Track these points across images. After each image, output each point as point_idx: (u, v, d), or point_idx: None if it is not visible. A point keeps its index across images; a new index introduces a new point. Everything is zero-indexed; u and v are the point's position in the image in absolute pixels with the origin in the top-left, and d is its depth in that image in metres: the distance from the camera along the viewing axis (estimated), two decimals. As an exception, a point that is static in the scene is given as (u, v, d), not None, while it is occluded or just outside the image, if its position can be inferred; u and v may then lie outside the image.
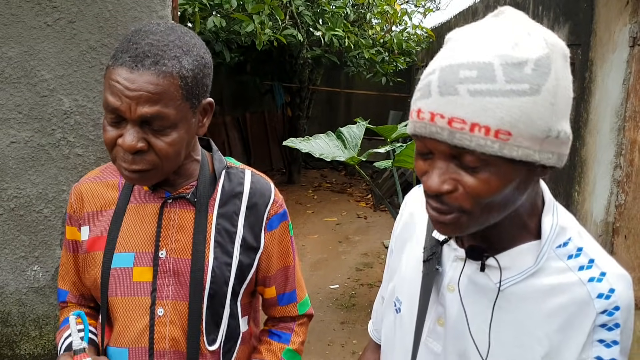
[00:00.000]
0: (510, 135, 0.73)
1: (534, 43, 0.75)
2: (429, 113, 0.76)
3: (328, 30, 6.51)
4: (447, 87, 0.75)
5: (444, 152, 0.77)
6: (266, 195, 1.23)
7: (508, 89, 0.72)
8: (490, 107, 0.72)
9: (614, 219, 2.69)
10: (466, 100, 0.73)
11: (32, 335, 1.95)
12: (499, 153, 0.74)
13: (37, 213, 1.88)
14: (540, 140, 0.75)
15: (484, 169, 0.76)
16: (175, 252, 1.16)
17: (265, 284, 1.28)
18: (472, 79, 0.73)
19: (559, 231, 0.87)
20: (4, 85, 1.79)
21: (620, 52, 2.64)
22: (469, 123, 0.73)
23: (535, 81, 0.73)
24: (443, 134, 0.75)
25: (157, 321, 1.15)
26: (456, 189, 0.78)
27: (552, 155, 0.78)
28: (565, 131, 0.78)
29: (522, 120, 0.73)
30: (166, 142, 1.04)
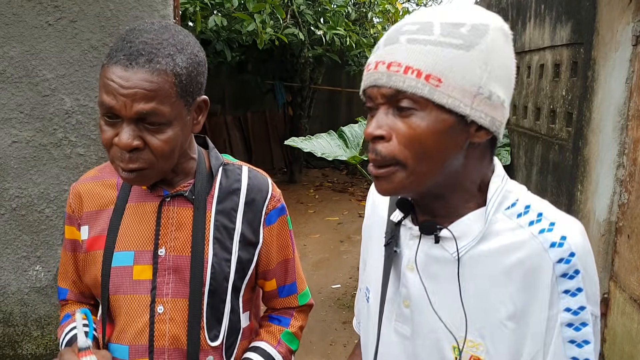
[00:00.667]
0: (440, 82, 0.79)
1: (475, 14, 0.84)
2: (374, 63, 0.84)
3: (329, 29, 6.51)
4: (391, 38, 0.84)
5: (383, 98, 0.83)
6: (264, 191, 1.24)
7: (442, 40, 0.80)
8: (424, 53, 0.80)
9: (617, 219, 2.69)
10: (403, 47, 0.81)
11: (34, 335, 1.95)
12: (428, 96, 0.79)
13: (39, 213, 1.88)
14: (471, 95, 0.80)
15: (416, 113, 0.81)
16: (175, 250, 1.17)
17: (266, 277, 1.29)
18: (412, 31, 0.82)
19: (506, 194, 0.90)
20: (6, 85, 1.79)
21: (623, 50, 2.63)
22: (404, 66, 0.80)
23: (469, 39, 0.81)
24: (383, 79, 0.82)
25: (157, 319, 1.16)
26: (390, 137, 0.83)
27: (484, 116, 0.82)
28: (498, 95, 0.83)
29: (452, 71, 0.79)
30: (161, 139, 1.04)
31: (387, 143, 0.83)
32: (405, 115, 0.82)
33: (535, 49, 3.88)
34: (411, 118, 0.81)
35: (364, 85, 0.87)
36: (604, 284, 2.76)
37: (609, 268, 2.73)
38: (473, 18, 0.83)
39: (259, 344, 1.28)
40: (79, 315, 1.09)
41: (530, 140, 3.95)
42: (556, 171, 3.42)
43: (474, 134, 0.84)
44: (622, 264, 2.60)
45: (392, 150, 0.83)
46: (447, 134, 0.82)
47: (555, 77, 3.48)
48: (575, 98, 3.15)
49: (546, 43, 3.63)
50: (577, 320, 0.83)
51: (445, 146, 0.83)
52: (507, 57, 0.85)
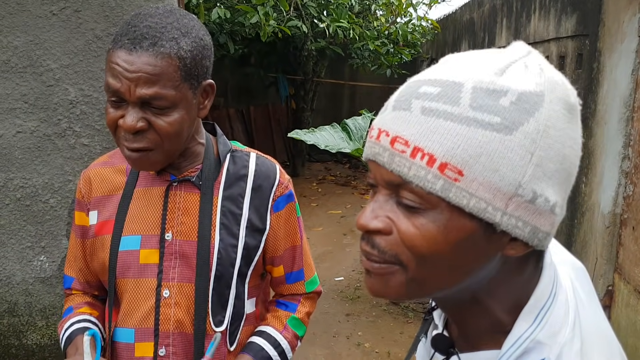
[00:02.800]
0: (461, 174, 0.57)
1: (527, 76, 0.59)
2: (377, 130, 0.62)
3: (333, 21, 6.48)
4: (402, 101, 0.61)
5: (384, 182, 0.62)
6: (271, 177, 1.24)
7: (471, 115, 0.57)
8: (441, 131, 0.57)
9: (622, 211, 2.68)
10: (415, 118, 0.58)
11: (38, 325, 1.95)
12: (441, 194, 0.57)
13: (43, 203, 1.88)
14: (505, 197, 0.57)
15: (424, 213, 0.59)
16: (181, 235, 1.17)
17: (274, 263, 1.30)
18: (430, 96, 0.59)
19: (532, 346, 0.63)
20: (10, 75, 1.79)
21: (629, 42, 2.61)
22: (412, 145, 0.58)
23: (511, 116, 0.57)
24: (384, 156, 0.60)
25: (163, 302, 1.17)
26: (389, 231, 0.62)
27: (522, 225, 0.59)
28: (547, 198, 0.59)
29: (480, 161, 0.56)
30: (167, 121, 1.05)
31: (387, 236, 0.62)
32: (409, 212, 0.61)
33: (539, 41, 3.86)
34: (417, 217, 0.60)
35: (365, 154, 0.65)
36: (608, 276, 2.75)
37: (613, 260, 2.73)
38: (522, 82, 0.59)
39: (264, 328, 1.28)
40: (86, 338, 1.08)
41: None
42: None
43: (506, 245, 0.61)
44: (626, 256, 2.60)
45: (394, 246, 0.62)
46: (467, 243, 0.60)
47: (561, 69, 3.47)
48: (580, 90, 3.14)
49: (551, 35, 3.61)
50: None
51: (463, 259, 0.61)
52: (567, 142, 0.60)
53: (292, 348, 1.29)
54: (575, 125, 0.62)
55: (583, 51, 3.13)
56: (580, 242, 3.04)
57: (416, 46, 8.64)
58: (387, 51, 7.79)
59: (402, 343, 3.84)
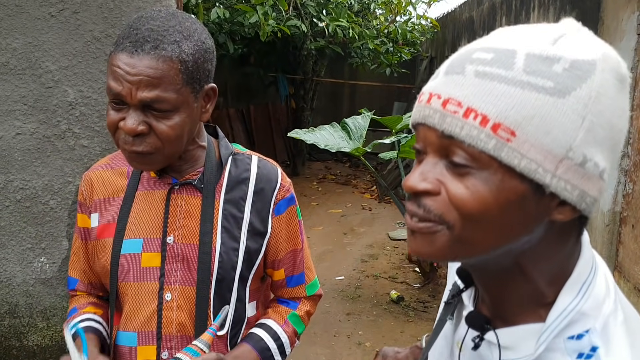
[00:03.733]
0: (513, 135, 0.58)
1: (580, 46, 0.61)
2: (427, 94, 0.64)
3: (332, 20, 6.48)
4: (455, 66, 0.63)
5: (434, 144, 0.63)
6: (273, 180, 1.24)
7: (525, 79, 0.58)
8: (495, 93, 0.59)
9: (622, 209, 2.68)
10: (469, 81, 0.60)
11: (39, 326, 1.96)
12: (493, 153, 0.59)
13: (43, 205, 1.88)
14: (556, 159, 0.59)
15: (475, 173, 0.61)
16: (183, 238, 1.17)
17: (274, 266, 1.30)
18: (484, 61, 0.61)
19: (577, 318, 0.65)
20: (9, 77, 1.79)
21: (627, 40, 2.61)
22: (465, 106, 0.60)
23: (564, 82, 0.58)
24: (434, 118, 0.62)
25: (165, 306, 1.17)
26: (438, 191, 0.63)
27: (571, 188, 0.60)
28: (596, 162, 0.60)
29: (533, 122, 0.58)
30: (168, 125, 1.05)
31: (434, 197, 0.63)
32: (460, 173, 0.62)
33: (539, 39, 3.86)
34: (468, 177, 0.61)
35: (412, 119, 0.67)
36: (608, 275, 2.76)
37: (613, 258, 2.73)
38: (574, 50, 0.60)
39: (265, 321, 1.29)
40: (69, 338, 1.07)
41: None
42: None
43: (554, 209, 0.62)
44: (626, 254, 2.60)
45: (441, 207, 0.63)
46: (516, 205, 0.61)
47: (560, 68, 3.46)
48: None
49: (550, 33, 3.61)
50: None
51: (511, 220, 0.62)
52: (616, 111, 0.61)
53: (291, 343, 1.29)
54: (625, 96, 0.63)
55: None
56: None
57: (416, 45, 8.64)
58: (387, 50, 7.79)
59: (402, 342, 3.84)
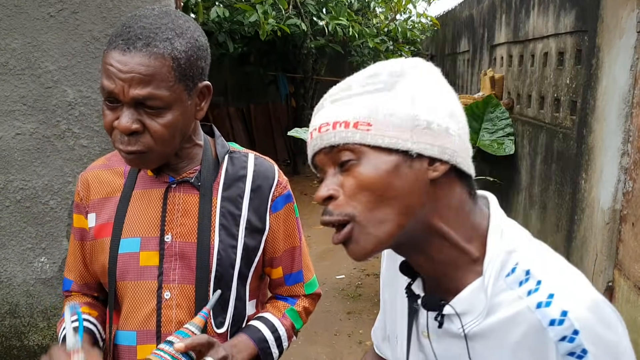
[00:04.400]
0: (369, 125, 0.78)
1: (389, 63, 0.84)
2: (309, 134, 0.84)
3: (332, 19, 6.48)
4: (317, 108, 0.85)
5: (327, 161, 0.82)
6: (270, 178, 1.24)
7: (362, 90, 0.81)
8: (346, 107, 0.80)
9: (622, 207, 2.68)
10: (328, 109, 0.82)
11: (40, 326, 1.96)
12: (361, 141, 0.78)
13: (43, 205, 1.89)
14: (407, 130, 0.78)
15: (357, 162, 0.78)
16: (181, 236, 1.17)
17: (272, 264, 1.29)
18: (334, 93, 0.84)
19: (505, 258, 0.80)
20: (9, 77, 1.79)
21: (627, 38, 2.61)
22: (331, 123, 0.80)
23: (389, 81, 0.80)
24: (318, 142, 0.81)
25: (164, 304, 1.17)
26: (337, 195, 0.80)
27: (429, 147, 0.78)
28: (438, 123, 0.79)
29: (379, 112, 0.78)
30: (161, 123, 1.05)
31: (336, 201, 0.80)
32: (348, 169, 0.79)
33: (539, 37, 3.86)
34: (353, 169, 0.79)
35: (310, 157, 0.86)
36: (608, 273, 2.75)
37: (613, 256, 2.73)
38: (388, 66, 0.83)
39: (263, 314, 1.29)
40: (67, 311, 1.07)
41: (534, 129, 3.93)
42: (560, 160, 3.41)
43: (428, 169, 0.79)
44: (626, 252, 2.60)
45: (341, 205, 0.79)
46: (395, 174, 0.77)
47: (559, 66, 3.46)
48: (579, 86, 3.14)
49: (550, 31, 3.61)
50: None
51: (398, 188, 0.77)
52: (436, 86, 0.83)
53: (288, 337, 1.29)
54: (437, 77, 0.85)
55: (582, 47, 3.12)
56: (580, 239, 3.04)
57: (416, 43, 8.64)
58: (387, 48, 7.79)
59: (403, 340, 3.84)
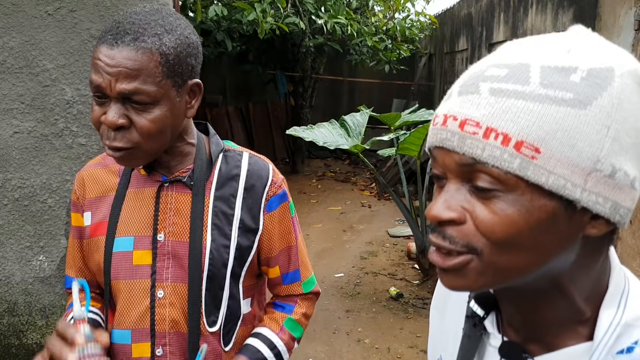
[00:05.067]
0: (538, 152, 0.56)
1: (594, 53, 0.59)
2: (442, 116, 0.61)
3: (330, 18, 6.48)
4: (468, 85, 0.61)
5: (454, 169, 0.61)
6: (263, 177, 1.24)
7: (543, 92, 0.56)
8: (514, 110, 0.57)
9: (620, 204, 2.69)
10: (485, 100, 0.58)
11: (38, 324, 1.96)
12: (519, 172, 0.56)
13: (42, 203, 1.89)
14: (584, 173, 0.57)
15: (501, 196, 0.58)
16: (173, 235, 1.17)
17: (269, 264, 1.29)
18: (498, 78, 0.59)
19: (623, 330, 0.63)
20: (6, 76, 1.79)
21: (625, 36, 2.61)
22: (484, 126, 0.57)
23: (584, 92, 0.56)
24: (453, 141, 0.60)
25: (158, 303, 1.17)
26: (463, 220, 0.60)
27: (602, 200, 0.58)
28: (626, 172, 0.58)
29: (557, 137, 0.56)
30: (147, 119, 1.04)
31: (459, 226, 0.61)
32: (485, 198, 0.59)
33: (537, 36, 3.86)
34: (494, 202, 0.58)
35: (430, 143, 0.64)
36: (606, 270, 2.76)
37: (611, 254, 2.74)
38: (590, 58, 0.58)
39: (260, 330, 1.28)
40: (75, 285, 1.08)
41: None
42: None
43: (587, 224, 0.60)
44: (624, 250, 2.60)
45: (467, 235, 0.60)
46: (548, 224, 0.59)
47: (558, 64, 3.46)
48: None
49: (548, 29, 3.61)
50: None
51: (544, 241, 0.60)
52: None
53: (288, 350, 1.28)
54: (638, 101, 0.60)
55: (580, 45, 3.13)
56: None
57: (414, 42, 8.64)
58: (386, 47, 7.79)
59: (402, 339, 3.85)
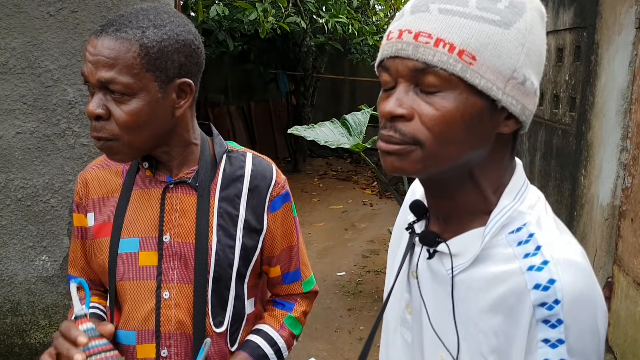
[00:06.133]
0: (474, 59, 0.71)
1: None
2: (397, 31, 0.75)
3: (331, 17, 6.48)
4: (419, 6, 0.74)
5: (407, 73, 0.74)
6: (267, 177, 1.24)
7: (478, 14, 0.72)
8: (458, 25, 0.71)
9: (621, 202, 2.68)
10: (434, 17, 0.72)
11: (41, 324, 1.97)
12: (461, 74, 0.71)
13: (44, 203, 1.89)
14: (504, 78, 0.73)
15: (443, 94, 0.73)
16: (179, 236, 1.18)
17: (270, 263, 1.30)
18: (445, 0, 0.73)
19: (515, 215, 0.80)
20: (9, 76, 1.80)
21: (626, 34, 2.61)
22: (435, 37, 0.71)
23: (507, 16, 0.73)
24: (408, 50, 0.73)
25: (163, 304, 1.17)
26: (412, 116, 0.74)
27: (516, 102, 0.75)
28: (532, 81, 0.76)
29: (488, 49, 0.72)
30: (124, 110, 1.05)
31: (408, 122, 0.74)
32: (430, 95, 0.73)
33: (538, 34, 3.86)
34: (437, 98, 0.73)
35: (383, 55, 0.77)
36: (607, 268, 2.76)
37: (612, 252, 2.73)
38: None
39: (261, 326, 1.29)
40: (73, 285, 1.09)
41: (533, 125, 3.94)
42: (560, 156, 3.41)
43: (502, 122, 0.76)
44: (625, 248, 2.61)
45: (414, 130, 0.74)
46: (476, 119, 0.74)
47: (559, 62, 3.46)
48: (578, 82, 3.14)
49: (549, 27, 3.61)
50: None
51: (472, 133, 0.74)
52: (542, 41, 0.78)
53: (288, 347, 1.30)
54: (544, 30, 0.79)
55: (581, 43, 3.13)
56: (579, 234, 3.05)
57: (416, 40, 8.62)
58: (387, 46, 7.77)
59: (404, 337, 3.85)
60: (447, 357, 0.82)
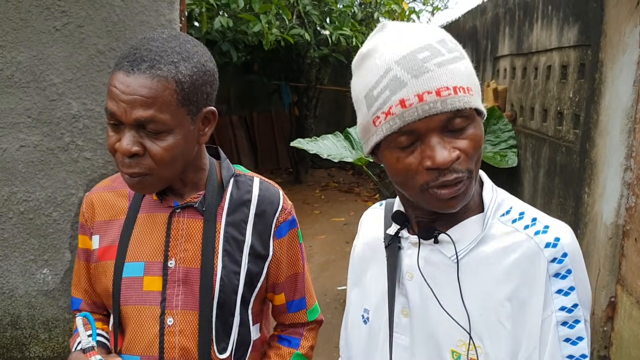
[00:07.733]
0: (471, 90, 0.85)
1: (441, 30, 0.91)
2: (415, 97, 0.82)
3: (335, 29, 6.50)
4: (417, 69, 0.83)
5: (436, 126, 0.83)
6: (274, 203, 1.23)
7: (452, 56, 0.85)
8: (454, 71, 0.83)
9: (624, 222, 2.67)
10: (437, 73, 0.82)
11: (41, 338, 1.96)
12: (474, 105, 0.85)
13: (47, 216, 1.89)
14: (479, 92, 0.88)
15: (469, 126, 0.85)
16: (184, 262, 1.16)
17: (275, 290, 1.28)
18: (429, 57, 0.83)
19: (500, 202, 0.96)
20: (14, 90, 1.80)
21: (630, 53, 2.61)
22: (452, 87, 0.82)
23: (458, 49, 0.88)
24: (437, 106, 0.82)
25: (167, 331, 1.16)
26: (459, 155, 0.84)
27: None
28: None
29: (471, 78, 0.86)
30: (161, 147, 1.04)
31: (458, 160, 0.84)
32: (461, 132, 0.85)
33: (542, 50, 3.87)
34: (468, 132, 0.85)
35: (405, 120, 0.83)
36: (610, 288, 2.74)
37: (616, 271, 2.72)
38: (441, 33, 0.89)
39: None
40: (79, 319, 1.09)
41: (537, 141, 3.93)
42: (563, 173, 3.40)
43: None
44: (629, 268, 2.59)
45: (465, 163, 0.85)
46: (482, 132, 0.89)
47: (563, 79, 3.46)
48: (582, 100, 3.14)
49: (553, 44, 3.61)
50: (570, 318, 0.86)
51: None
52: None
53: None
54: None
55: (585, 61, 3.13)
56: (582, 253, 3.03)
57: (419, 53, 8.64)
58: (390, 58, 7.78)
59: (404, 353, 3.82)
60: (466, 338, 0.90)
